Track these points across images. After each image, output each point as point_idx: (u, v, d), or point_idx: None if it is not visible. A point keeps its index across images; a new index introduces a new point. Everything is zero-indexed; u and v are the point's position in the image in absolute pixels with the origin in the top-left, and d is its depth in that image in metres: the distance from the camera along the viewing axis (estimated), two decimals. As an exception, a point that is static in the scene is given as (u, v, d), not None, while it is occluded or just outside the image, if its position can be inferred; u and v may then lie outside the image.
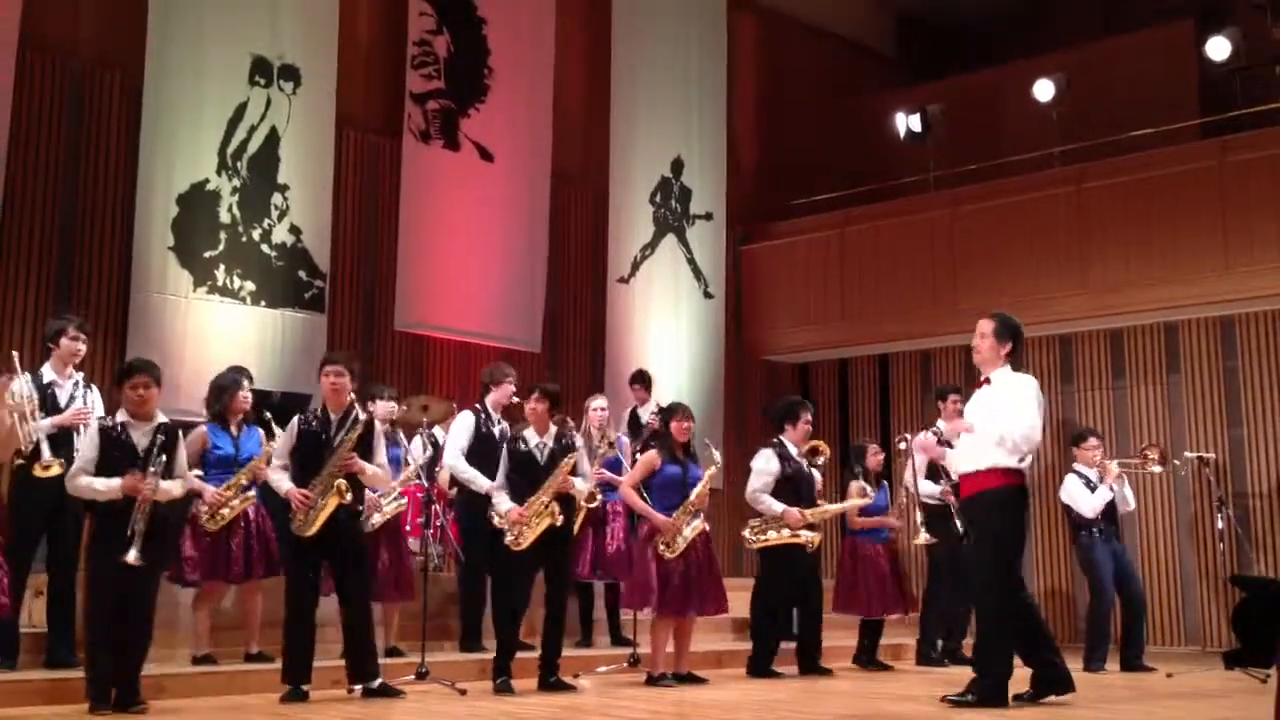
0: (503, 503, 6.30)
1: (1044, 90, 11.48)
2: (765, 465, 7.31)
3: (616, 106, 11.59)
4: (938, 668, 7.94)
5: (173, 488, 5.37)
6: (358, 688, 5.82)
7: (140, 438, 5.32)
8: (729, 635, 8.62)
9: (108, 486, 5.18)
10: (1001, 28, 13.68)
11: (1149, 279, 10.09)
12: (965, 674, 5.78)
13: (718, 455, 6.92)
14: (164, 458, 5.26)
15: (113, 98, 8.77)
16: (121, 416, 5.37)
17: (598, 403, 7.93)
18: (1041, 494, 10.57)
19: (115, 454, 5.25)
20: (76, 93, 8.64)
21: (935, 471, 7.64)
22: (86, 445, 5.32)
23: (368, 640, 5.87)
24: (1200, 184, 9.98)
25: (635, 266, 11.62)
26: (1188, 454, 9.13)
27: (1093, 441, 8.30)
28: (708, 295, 12.10)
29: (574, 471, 6.34)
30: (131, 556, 5.07)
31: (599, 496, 7.41)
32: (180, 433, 5.57)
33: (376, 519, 6.70)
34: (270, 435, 6.46)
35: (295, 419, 5.97)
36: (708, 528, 6.70)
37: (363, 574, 5.96)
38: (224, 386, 6.63)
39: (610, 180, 11.53)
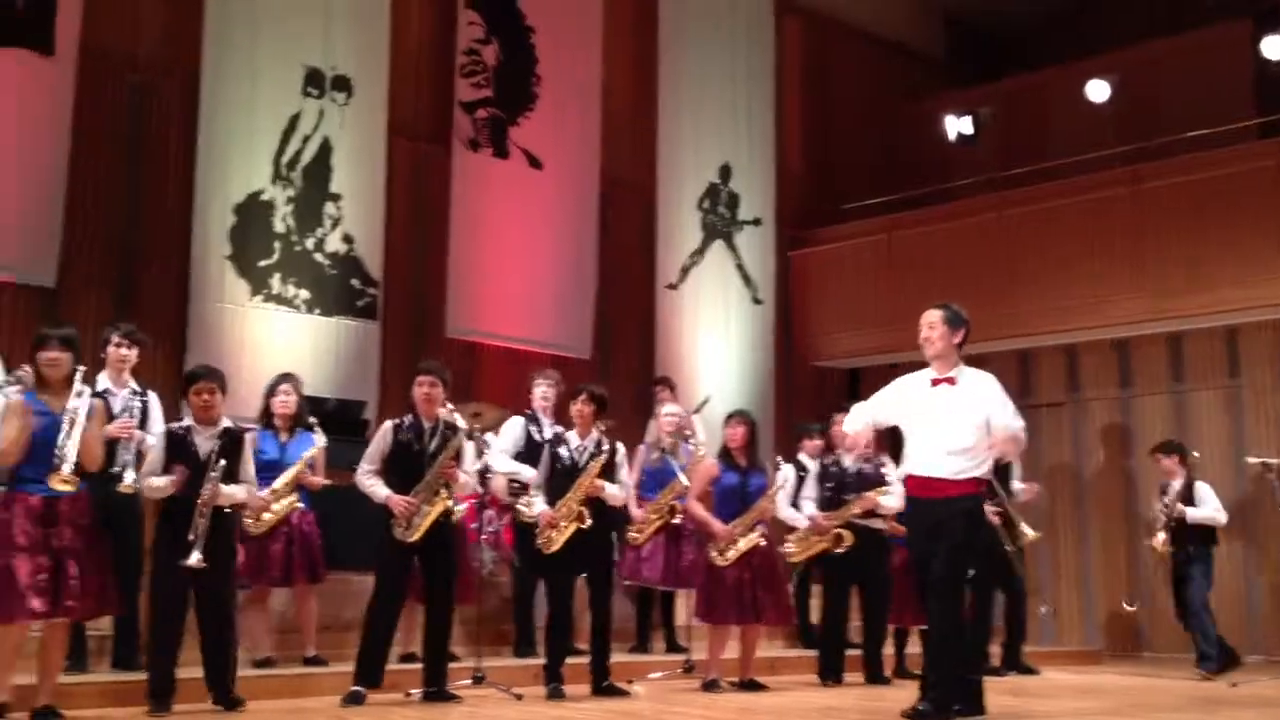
0: (537, 503, 6.33)
1: (1096, 91, 11.35)
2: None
3: (664, 113, 11.60)
4: (993, 677, 7.84)
5: (236, 492, 5.44)
6: (414, 691, 5.86)
7: (204, 443, 5.40)
8: (799, 643, 8.59)
9: (162, 483, 5.29)
10: (1051, 28, 13.56)
11: (1209, 281, 9.90)
12: (1026, 683, 5.70)
13: (784, 469, 6.89)
14: (224, 462, 5.33)
15: (171, 110, 8.91)
16: (187, 421, 5.45)
17: (668, 410, 7.91)
18: (1103, 499, 10.46)
19: (180, 459, 5.34)
20: (136, 105, 8.78)
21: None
22: (153, 451, 5.42)
23: (448, 644, 5.94)
24: (1259, 184, 9.81)
25: (684, 273, 11.62)
26: (1250, 459, 8.97)
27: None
28: (756, 301, 12.07)
29: (610, 477, 6.32)
30: (193, 560, 5.15)
31: (680, 512, 7.38)
32: (245, 438, 5.64)
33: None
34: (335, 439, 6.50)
35: (387, 427, 6.00)
36: (763, 542, 6.65)
37: (452, 581, 6.01)
38: (265, 392, 6.72)
39: (658, 186, 11.54)
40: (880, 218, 12.08)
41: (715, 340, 11.62)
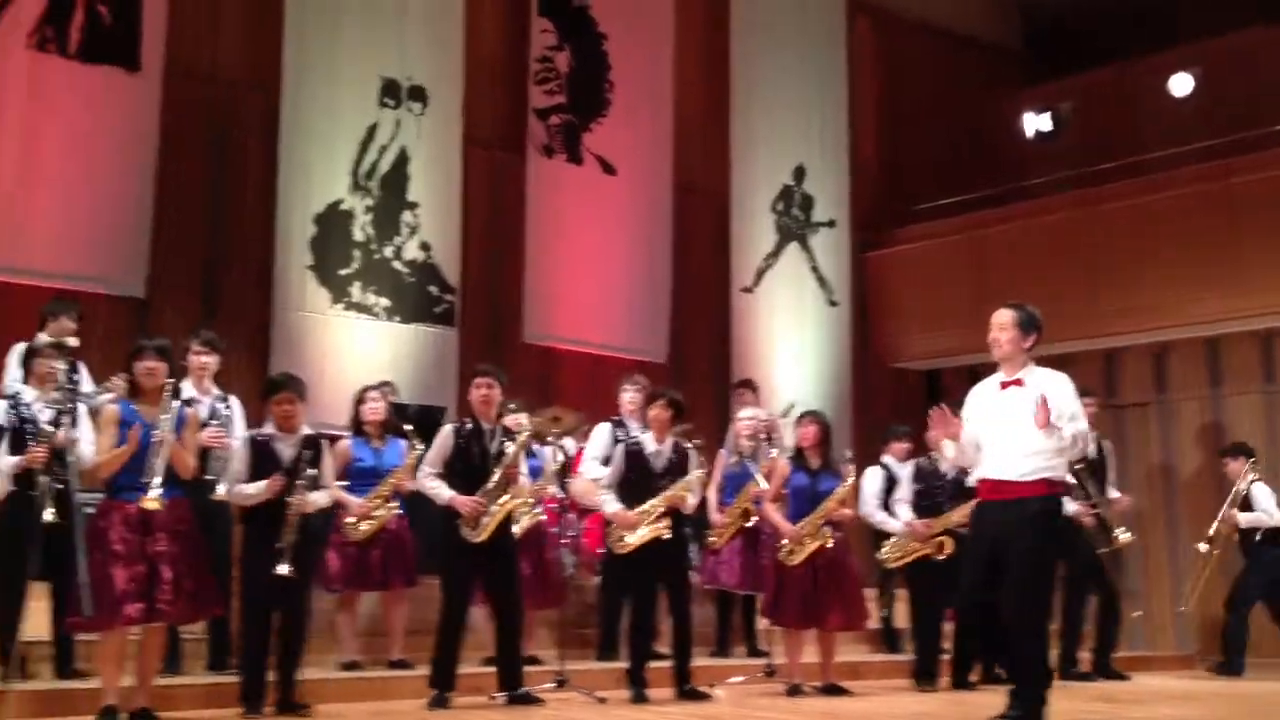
0: (610, 503, 6.32)
1: (1180, 85, 11.10)
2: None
3: (736, 115, 11.57)
4: (1083, 681, 7.68)
5: (319, 499, 5.53)
6: (499, 694, 5.89)
7: (286, 450, 5.49)
8: (883, 646, 8.51)
9: (256, 489, 5.37)
10: (1131, 22, 13.26)
11: (1302, 277, 9.63)
12: (1116, 689, 5.57)
13: (850, 470, 6.83)
14: (311, 471, 5.42)
15: (252, 123, 9.09)
16: (268, 429, 5.54)
17: (745, 414, 7.89)
18: (1195, 500, 10.23)
19: (263, 466, 5.43)
20: (218, 119, 8.98)
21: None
22: (236, 459, 5.51)
23: (519, 647, 5.97)
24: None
25: (759, 276, 11.57)
26: None
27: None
28: (832, 303, 11.98)
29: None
30: (283, 569, 5.24)
31: (754, 515, 7.36)
32: (326, 445, 5.72)
33: (515, 529, 6.77)
34: (413, 447, 6.56)
35: (448, 430, 6.03)
36: (830, 544, 6.58)
37: (517, 582, 6.03)
38: (355, 399, 6.81)
39: (732, 189, 11.50)
40: (958, 217, 11.90)
41: (791, 343, 11.55)
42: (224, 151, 8.96)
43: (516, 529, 6.76)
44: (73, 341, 4.65)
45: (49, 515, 4.73)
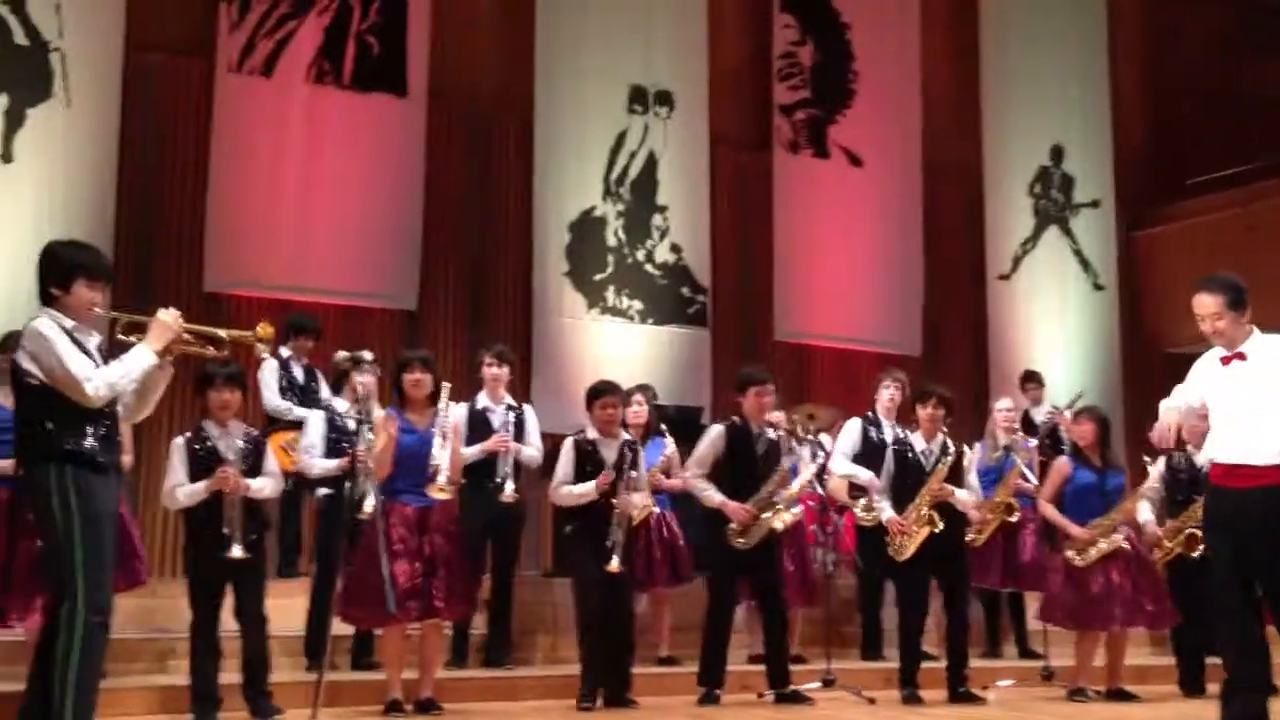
0: (884, 510, 6.21)
1: None
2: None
3: (988, 97, 11.20)
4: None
5: (641, 499, 5.76)
6: (768, 693, 5.90)
7: (609, 452, 5.70)
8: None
9: (584, 489, 5.61)
10: None
11: None
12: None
13: (1154, 473, 6.46)
14: (635, 473, 5.63)
15: (509, 139, 9.47)
16: (591, 434, 5.76)
17: (1003, 404, 7.65)
18: None
19: (588, 468, 5.67)
20: (478, 137, 9.40)
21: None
22: (564, 461, 5.74)
23: (787, 645, 5.99)
24: None
25: (1016, 262, 11.16)
26: None
27: None
28: (1097, 287, 11.42)
29: (957, 481, 6.13)
30: (614, 565, 5.45)
31: (1017, 509, 7.13)
32: (639, 447, 5.90)
33: (778, 525, 6.77)
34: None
35: (718, 430, 6.08)
36: (1126, 545, 6.26)
37: (780, 582, 6.05)
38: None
39: (984, 174, 11.15)
40: (1236, 189, 11.09)
41: (1053, 331, 11.09)
42: (484, 167, 9.38)
43: (779, 524, 6.76)
44: (368, 355, 4.97)
45: (369, 506, 5.05)
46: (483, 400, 6.40)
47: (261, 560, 5.19)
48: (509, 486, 6.16)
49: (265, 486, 5.20)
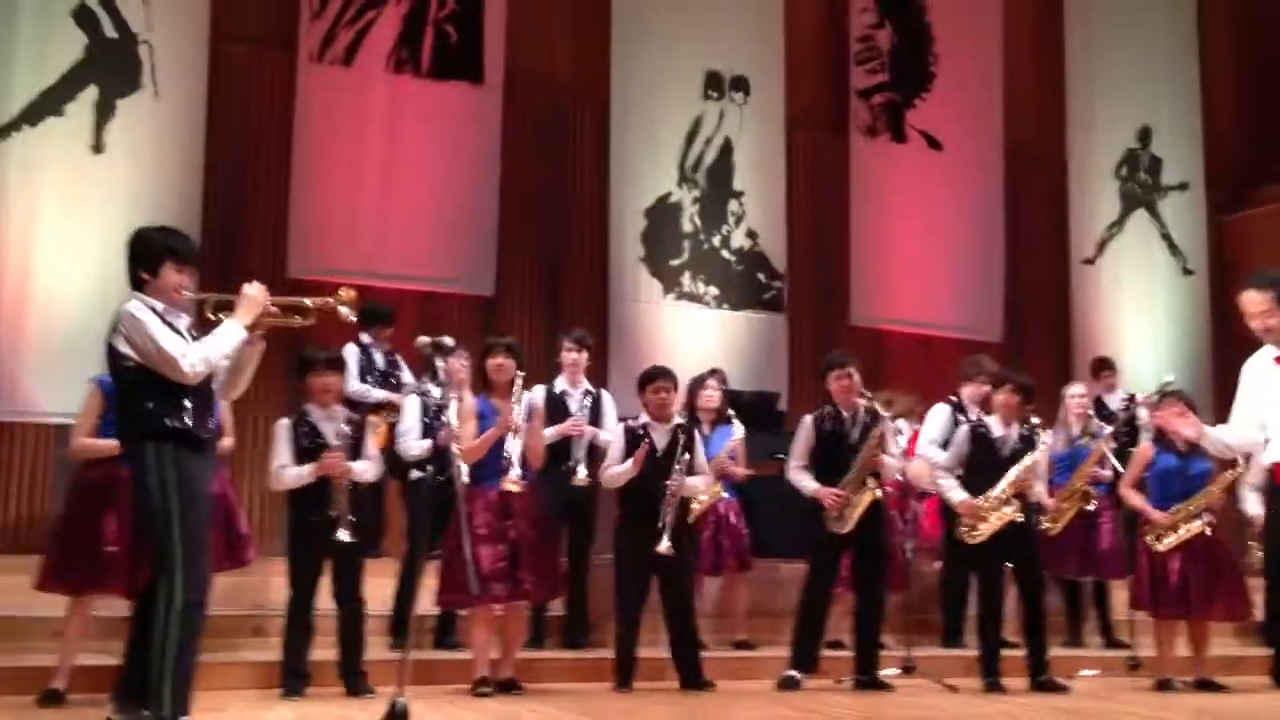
0: (955, 493, 6.13)
1: None
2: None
3: (1072, 78, 10.99)
4: None
5: (697, 484, 5.75)
6: (845, 678, 5.87)
7: (660, 438, 5.71)
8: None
9: (622, 467, 5.62)
10: None
11: None
12: None
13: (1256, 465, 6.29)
14: (688, 455, 5.63)
15: (584, 126, 9.48)
16: (643, 419, 5.78)
17: (1074, 389, 7.53)
18: None
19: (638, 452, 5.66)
20: (554, 124, 9.42)
21: None
22: (614, 447, 5.79)
23: (879, 631, 5.97)
24: None
25: (1101, 246, 10.95)
26: None
27: None
28: (1186, 271, 11.16)
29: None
30: (664, 547, 5.46)
31: (1094, 497, 7.01)
32: (695, 432, 5.91)
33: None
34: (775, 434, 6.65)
35: (808, 421, 6.08)
36: (1208, 530, 6.12)
37: (882, 570, 6.01)
38: (690, 389, 6.95)
39: (1068, 157, 10.95)
40: (1333, 170, 10.77)
41: (1139, 316, 10.86)
42: (560, 154, 9.41)
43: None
44: (449, 341, 5.06)
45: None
46: (560, 384, 6.46)
47: (361, 543, 5.28)
48: (581, 470, 6.21)
49: (367, 470, 5.32)
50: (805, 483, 5.93)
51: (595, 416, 6.43)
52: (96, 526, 4.80)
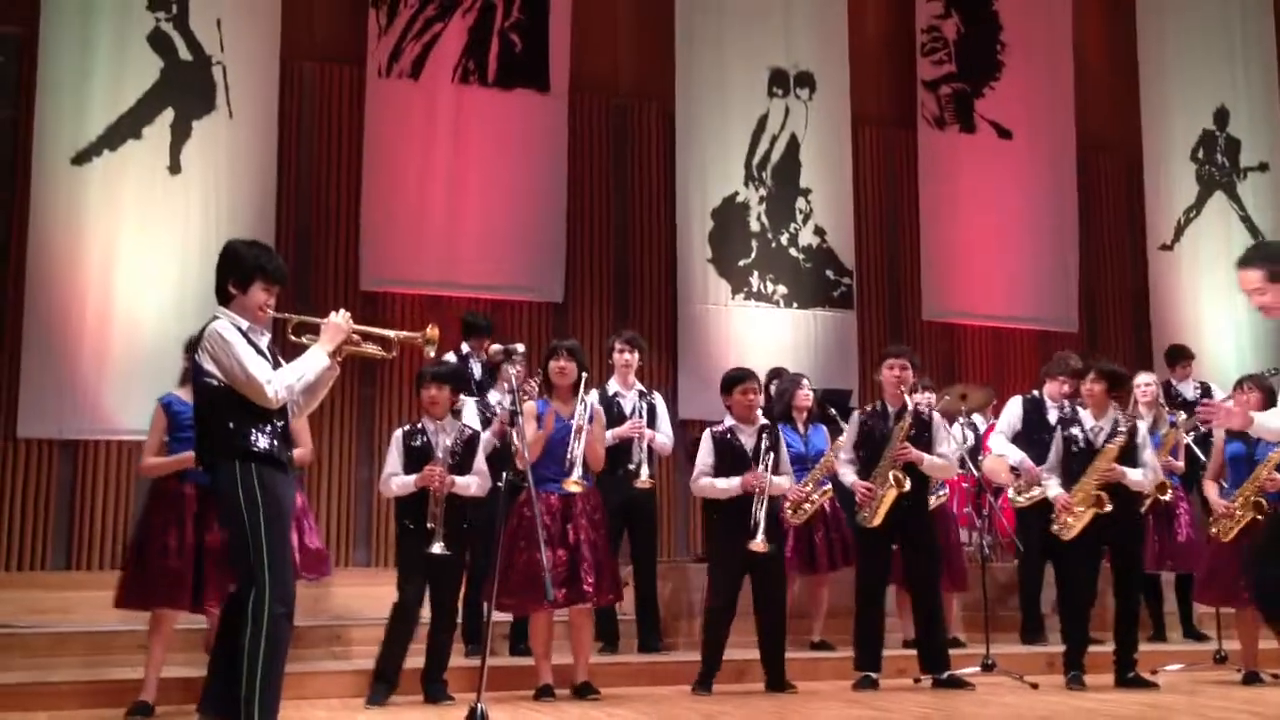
0: (1052, 488, 6.05)
1: None
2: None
3: (1145, 62, 10.77)
4: None
5: (783, 483, 5.78)
6: (925, 677, 5.83)
7: (747, 440, 5.75)
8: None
9: (728, 484, 5.66)
10: None
11: None
12: None
13: None
14: (773, 456, 5.68)
15: (650, 127, 9.51)
16: (728, 421, 5.81)
17: (1143, 378, 7.39)
18: None
19: (729, 457, 5.72)
20: (619, 129, 9.47)
21: None
22: (704, 452, 5.81)
23: (938, 629, 5.89)
24: None
25: (1179, 231, 10.71)
26: None
27: None
28: (1268, 254, 10.84)
29: (1131, 460, 5.91)
30: (757, 543, 5.50)
31: (1170, 488, 6.88)
32: (780, 431, 5.93)
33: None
34: (837, 431, 6.63)
35: (856, 414, 6.14)
36: (1262, 518, 5.95)
37: (932, 564, 5.96)
38: (783, 389, 6.94)
39: (1143, 142, 10.74)
40: None
41: (1220, 301, 10.57)
42: (626, 159, 9.45)
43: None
44: (520, 348, 5.11)
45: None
46: (613, 386, 6.48)
47: (461, 556, 5.36)
48: (644, 472, 6.23)
49: (471, 484, 5.39)
50: (845, 475, 5.95)
51: (650, 419, 6.45)
52: (162, 542, 4.95)
